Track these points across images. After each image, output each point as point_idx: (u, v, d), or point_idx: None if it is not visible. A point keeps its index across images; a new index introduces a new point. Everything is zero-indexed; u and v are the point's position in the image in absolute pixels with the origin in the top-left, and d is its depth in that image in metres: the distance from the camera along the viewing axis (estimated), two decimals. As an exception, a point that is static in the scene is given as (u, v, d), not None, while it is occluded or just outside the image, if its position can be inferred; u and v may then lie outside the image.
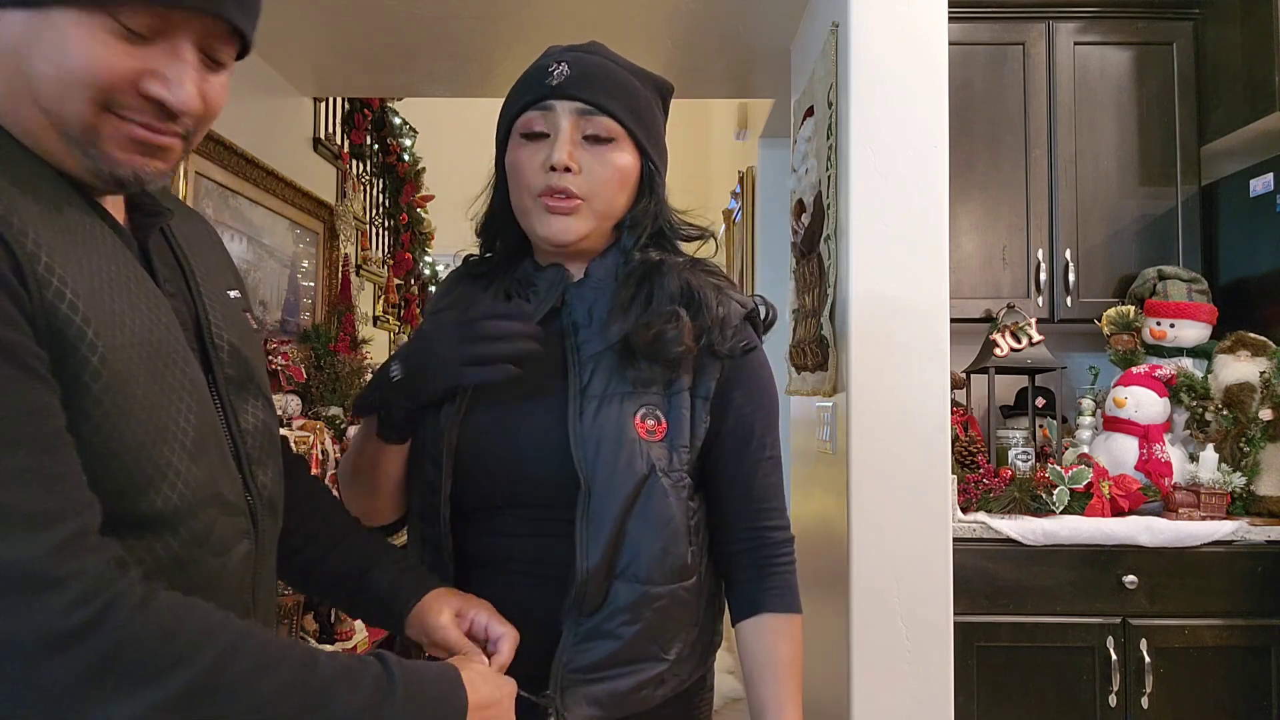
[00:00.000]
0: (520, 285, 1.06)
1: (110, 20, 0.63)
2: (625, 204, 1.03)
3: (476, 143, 5.25)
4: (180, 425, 0.68)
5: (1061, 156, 2.51)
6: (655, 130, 1.05)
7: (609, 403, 0.95)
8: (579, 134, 0.99)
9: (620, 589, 0.94)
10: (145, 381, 0.65)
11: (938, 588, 1.84)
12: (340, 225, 3.60)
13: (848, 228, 1.89)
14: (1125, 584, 2.04)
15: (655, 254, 1.03)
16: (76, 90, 0.63)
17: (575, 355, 0.99)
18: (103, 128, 0.65)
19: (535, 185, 0.98)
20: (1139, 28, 2.54)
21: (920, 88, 1.89)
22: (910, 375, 1.85)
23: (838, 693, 1.91)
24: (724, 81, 3.16)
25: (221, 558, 0.72)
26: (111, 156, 0.66)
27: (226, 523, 0.73)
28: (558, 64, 1.00)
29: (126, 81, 0.64)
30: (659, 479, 0.95)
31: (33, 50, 0.63)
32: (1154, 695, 2.02)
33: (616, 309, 0.99)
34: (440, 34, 2.74)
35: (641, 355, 0.96)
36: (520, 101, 1.01)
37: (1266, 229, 2.31)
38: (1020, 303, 2.47)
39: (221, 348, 0.78)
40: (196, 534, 0.69)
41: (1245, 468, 2.18)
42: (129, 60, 0.64)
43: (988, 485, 2.20)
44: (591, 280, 1.03)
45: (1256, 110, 2.29)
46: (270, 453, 0.82)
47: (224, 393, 0.77)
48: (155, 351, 0.67)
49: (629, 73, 1.03)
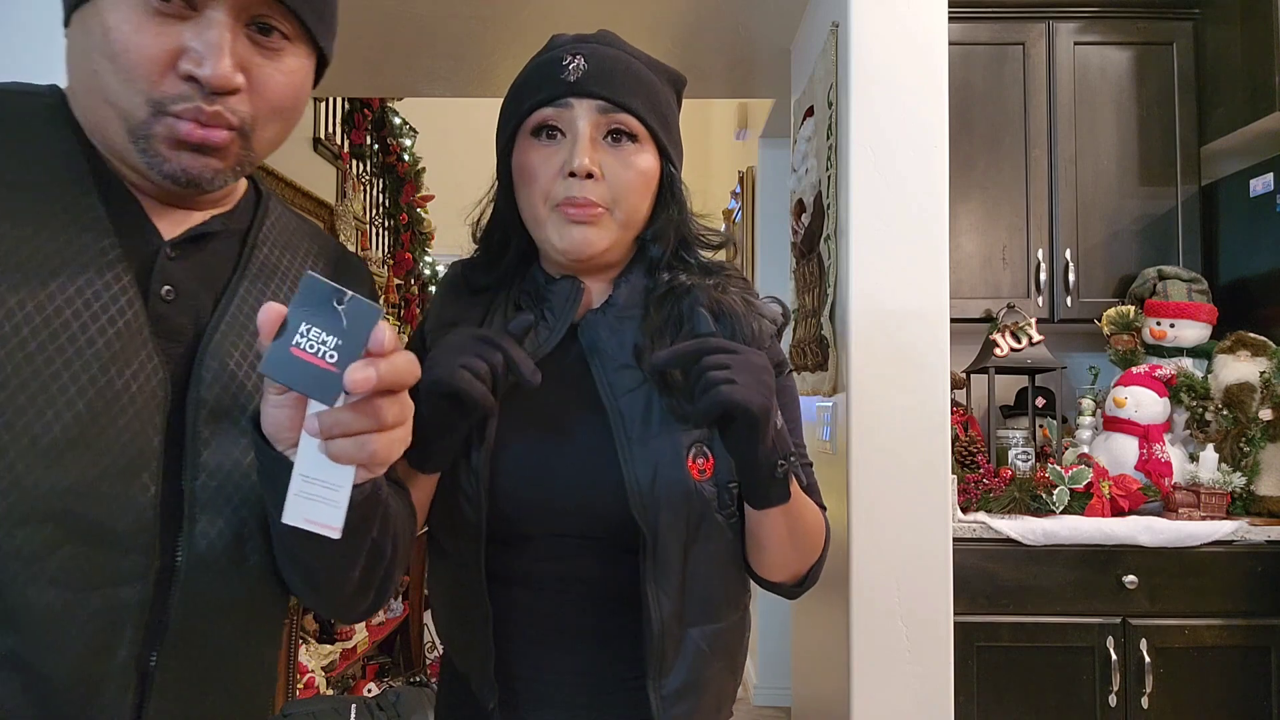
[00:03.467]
0: (530, 299, 0.96)
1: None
2: (648, 211, 0.95)
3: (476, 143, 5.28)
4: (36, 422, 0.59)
5: (1061, 156, 2.52)
6: (674, 129, 0.97)
7: (660, 445, 0.88)
8: (599, 134, 0.90)
9: (694, 635, 0.90)
10: None
11: (938, 588, 1.84)
12: (340, 225, 3.60)
13: (848, 228, 1.89)
14: (1125, 584, 2.04)
15: (684, 276, 0.96)
16: (129, 84, 0.63)
17: (608, 389, 0.91)
18: (155, 126, 0.65)
19: (554, 194, 0.89)
20: (1139, 28, 2.55)
21: (920, 88, 1.89)
22: (910, 375, 1.85)
23: (838, 693, 1.91)
24: (724, 81, 3.16)
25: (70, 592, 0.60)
26: (160, 153, 0.65)
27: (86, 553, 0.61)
28: (572, 57, 0.91)
29: (163, 64, 0.63)
30: (713, 518, 0.90)
31: (90, 46, 0.64)
32: (1154, 695, 2.02)
33: (649, 339, 0.91)
34: (440, 34, 2.74)
35: (682, 392, 0.87)
36: (532, 98, 0.91)
37: (1266, 229, 2.31)
38: (1020, 303, 2.47)
39: (209, 368, 0.69)
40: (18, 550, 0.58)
41: (1245, 468, 2.18)
42: (163, 39, 0.63)
43: (988, 485, 2.20)
44: (616, 307, 0.95)
45: (1256, 110, 2.29)
46: (234, 502, 0.68)
47: (189, 417, 0.67)
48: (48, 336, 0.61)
49: (646, 66, 0.95)
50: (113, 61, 0.63)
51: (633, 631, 0.90)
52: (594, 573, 0.91)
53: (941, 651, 1.84)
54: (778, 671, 3.48)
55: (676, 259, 0.98)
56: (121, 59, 0.63)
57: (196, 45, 0.63)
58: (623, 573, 0.89)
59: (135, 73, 0.63)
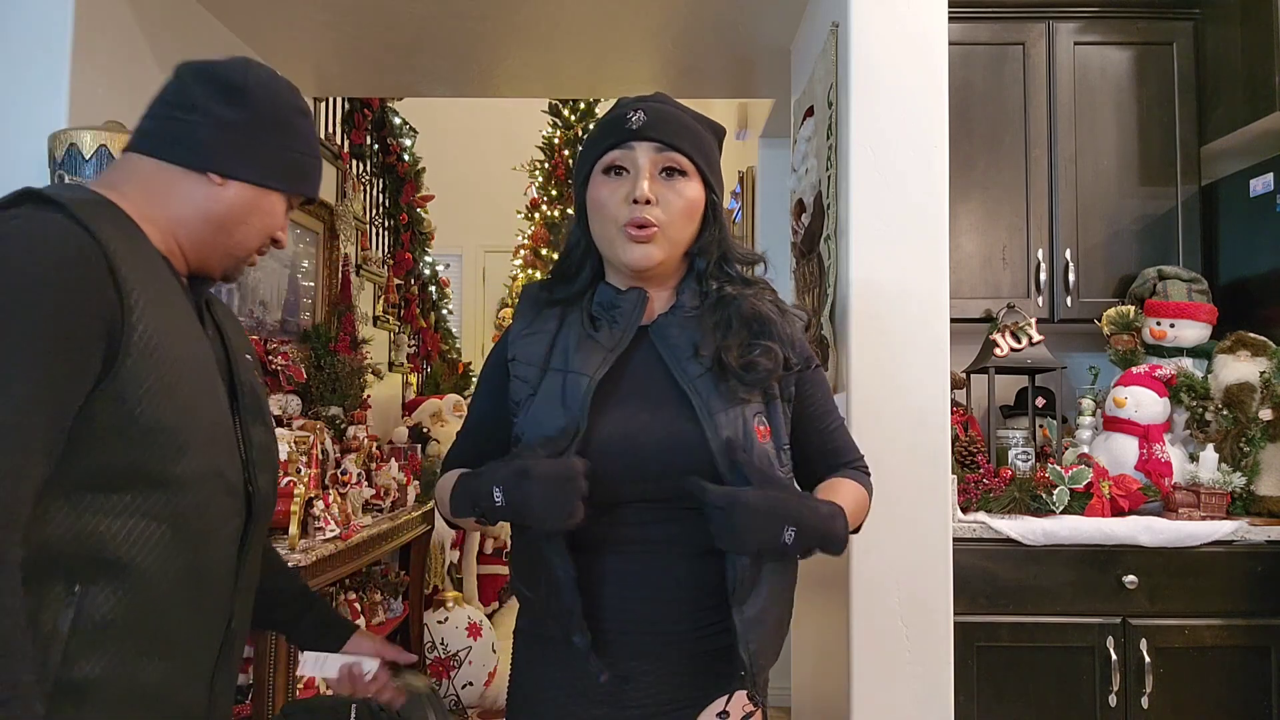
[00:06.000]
0: (604, 309, 1.18)
1: (285, 198, 1.10)
2: (694, 232, 1.17)
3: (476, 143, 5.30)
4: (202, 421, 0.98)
5: (1061, 156, 2.52)
6: (716, 167, 1.20)
7: (732, 413, 1.10)
8: (655, 170, 1.14)
9: (767, 570, 1.06)
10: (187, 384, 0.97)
11: (938, 588, 1.84)
12: (340, 225, 3.60)
13: (848, 228, 1.89)
14: (1125, 584, 2.04)
15: (729, 288, 1.18)
16: (256, 242, 1.09)
17: (683, 374, 1.13)
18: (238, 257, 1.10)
19: (621, 217, 1.13)
20: (1139, 28, 2.55)
21: (920, 88, 1.89)
22: (910, 375, 1.85)
23: (838, 693, 1.91)
24: (724, 81, 3.17)
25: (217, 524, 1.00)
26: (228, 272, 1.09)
27: (225, 501, 1.01)
28: (635, 111, 1.15)
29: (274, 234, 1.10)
30: (776, 472, 1.12)
31: (250, 214, 1.06)
32: (1154, 695, 2.02)
33: (706, 335, 1.14)
34: (440, 34, 2.74)
35: (735, 378, 1.11)
36: (603, 144, 1.16)
37: (1266, 229, 2.32)
38: (1020, 303, 2.47)
39: (244, 383, 1.09)
40: (201, 499, 0.97)
41: (1245, 468, 2.18)
42: (283, 219, 1.11)
43: (988, 485, 2.20)
44: (683, 309, 1.18)
45: (1256, 110, 2.29)
46: (267, 465, 1.10)
47: (242, 414, 1.07)
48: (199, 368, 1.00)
49: (692, 118, 1.19)
50: (261, 231, 1.10)
51: (711, 583, 1.08)
52: (676, 533, 1.10)
53: (941, 651, 1.84)
54: (778, 671, 3.46)
55: (719, 271, 1.19)
56: (271, 231, 1.11)
57: (282, 230, 1.14)
58: (701, 532, 1.04)
59: (270, 237, 1.12)
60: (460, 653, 3.44)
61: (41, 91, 1.93)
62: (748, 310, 1.16)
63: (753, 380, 1.11)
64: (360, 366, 3.30)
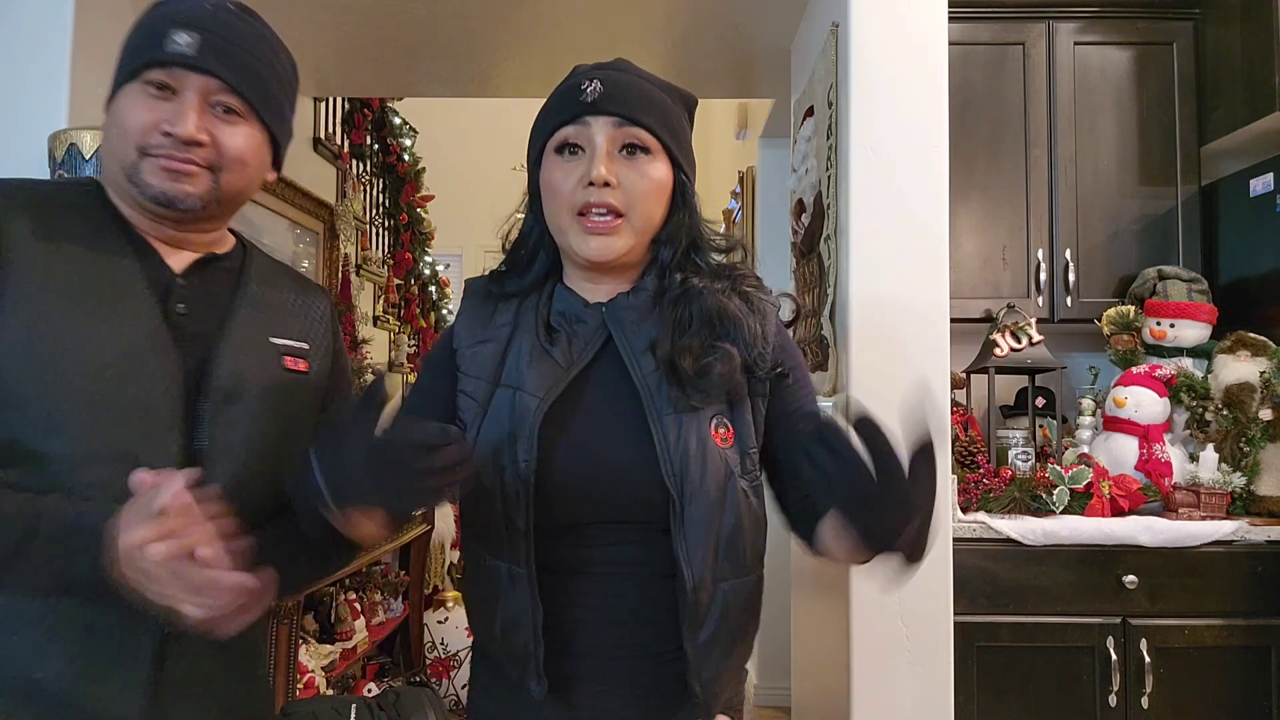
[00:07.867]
0: (565, 320, 1.05)
1: (141, 84, 0.98)
2: (661, 217, 1.04)
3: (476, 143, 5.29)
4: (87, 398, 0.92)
5: (1061, 156, 2.51)
6: (685, 142, 1.07)
7: (685, 417, 0.98)
8: (615, 147, 1.00)
9: (724, 589, 0.98)
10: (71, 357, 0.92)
11: (938, 588, 1.84)
12: (340, 225, 3.59)
13: (848, 228, 1.89)
14: (1125, 584, 2.04)
15: (695, 280, 1.04)
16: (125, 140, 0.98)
17: (636, 368, 1.00)
18: (143, 164, 0.98)
19: (575, 202, 0.99)
20: (1139, 28, 2.55)
21: (920, 87, 1.89)
22: (910, 375, 1.85)
23: (838, 692, 1.91)
24: (724, 81, 3.17)
25: None
26: (147, 182, 0.98)
27: None
28: (590, 81, 1.01)
29: (152, 126, 0.97)
30: (737, 482, 0.99)
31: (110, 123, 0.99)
32: (1154, 695, 2.02)
33: (665, 331, 1.02)
34: (440, 34, 2.74)
35: (688, 384, 0.99)
36: (554, 119, 1.02)
37: (1266, 229, 2.31)
38: (1020, 303, 2.47)
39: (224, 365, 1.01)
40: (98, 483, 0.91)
41: (1245, 468, 2.18)
42: (153, 113, 0.98)
43: (988, 485, 2.20)
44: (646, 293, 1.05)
45: (1256, 110, 2.29)
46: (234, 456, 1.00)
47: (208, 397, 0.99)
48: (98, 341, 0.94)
49: (658, 87, 1.05)
50: (118, 127, 0.98)
51: (670, 603, 0.98)
52: (636, 554, 1.00)
53: (941, 651, 1.84)
54: (778, 671, 3.48)
55: (688, 261, 1.06)
56: (124, 125, 0.98)
57: (174, 115, 0.97)
58: (661, 551, 0.97)
59: (135, 132, 0.97)
60: (460, 653, 3.44)
61: (41, 91, 1.94)
62: (711, 307, 1.02)
63: (705, 387, 0.98)
64: (360, 367, 3.30)
